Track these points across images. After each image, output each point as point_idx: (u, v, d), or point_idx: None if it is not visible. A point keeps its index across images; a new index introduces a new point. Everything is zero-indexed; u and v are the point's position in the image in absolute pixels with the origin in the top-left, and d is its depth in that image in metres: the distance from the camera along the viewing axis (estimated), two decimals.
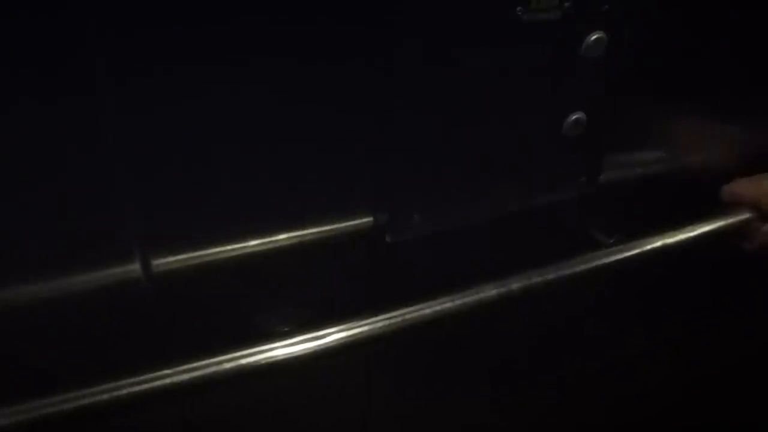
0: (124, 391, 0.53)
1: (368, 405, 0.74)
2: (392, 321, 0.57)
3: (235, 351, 0.55)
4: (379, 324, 0.57)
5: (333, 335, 0.56)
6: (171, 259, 0.56)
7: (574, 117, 0.58)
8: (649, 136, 0.70)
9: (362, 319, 0.57)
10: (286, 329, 0.57)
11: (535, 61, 0.55)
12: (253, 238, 0.58)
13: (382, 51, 0.52)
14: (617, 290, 0.77)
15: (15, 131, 0.45)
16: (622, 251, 0.64)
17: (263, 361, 0.56)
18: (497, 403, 0.83)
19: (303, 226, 0.59)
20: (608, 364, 0.87)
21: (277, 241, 0.59)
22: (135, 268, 0.54)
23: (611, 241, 0.65)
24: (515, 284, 0.59)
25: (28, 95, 0.44)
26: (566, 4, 0.53)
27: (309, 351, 0.56)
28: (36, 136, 0.46)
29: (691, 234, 0.66)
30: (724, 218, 0.68)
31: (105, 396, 0.53)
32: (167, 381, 0.54)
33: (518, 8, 0.51)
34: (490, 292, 0.59)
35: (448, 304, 0.58)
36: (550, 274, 0.61)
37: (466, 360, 0.75)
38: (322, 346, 0.56)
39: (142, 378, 0.53)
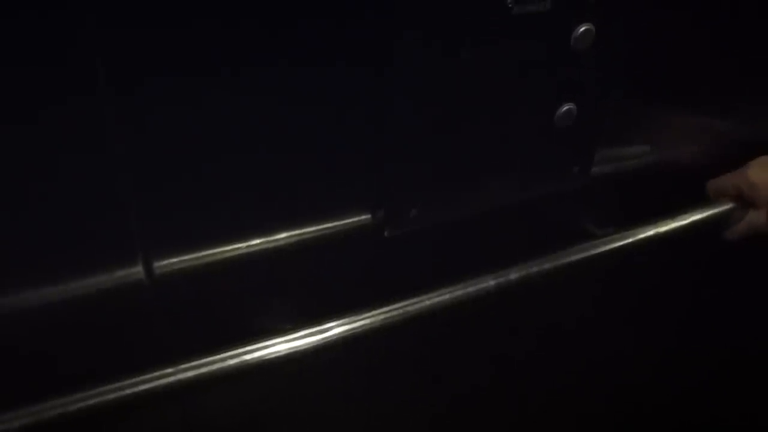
0: (128, 391, 0.53)
1: (369, 397, 0.75)
2: (394, 314, 0.58)
3: (238, 348, 0.56)
4: (381, 317, 0.58)
5: (334, 329, 0.57)
6: (173, 260, 0.56)
7: (565, 108, 0.59)
8: (639, 129, 0.71)
9: (363, 313, 0.57)
10: (288, 326, 0.58)
11: (526, 54, 0.56)
12: (255, 237, 0.58)
13: (378, 50, 0.53)
14: (612, 279, 0.78)
15: (20, 135, 0.46)
16: (615, 241, 0.65)
17: (266, 357, 0.56)
18: (497, 393, 0.83)
19: (303, 225, 0.60)
20: (604, 353, 0.88)
21: (277, 240, 0.59)
22: (138, 270, 0.55)
23: (604, 231, 0.66)
24: (513, 275, 0.60)
25: (33, 99, 0.45)
26: None
27: (311, 345, 0.57)
28: (40, 140, 0.47)
29: (684, 222, 0.67)
30: (713, 207, 0.69)
31: (110, 396, 0.53)
32: (172, 379, 0.54)
33: (508, 0, 0.52)
34: (488, 282, 0.59)
35: (448, 296, 0.58)
36: (547, 265, 0.61)
37: (466, 352, 0.76)
38: (323, 341, 0.57)
39: (146, 377, 0.53)
